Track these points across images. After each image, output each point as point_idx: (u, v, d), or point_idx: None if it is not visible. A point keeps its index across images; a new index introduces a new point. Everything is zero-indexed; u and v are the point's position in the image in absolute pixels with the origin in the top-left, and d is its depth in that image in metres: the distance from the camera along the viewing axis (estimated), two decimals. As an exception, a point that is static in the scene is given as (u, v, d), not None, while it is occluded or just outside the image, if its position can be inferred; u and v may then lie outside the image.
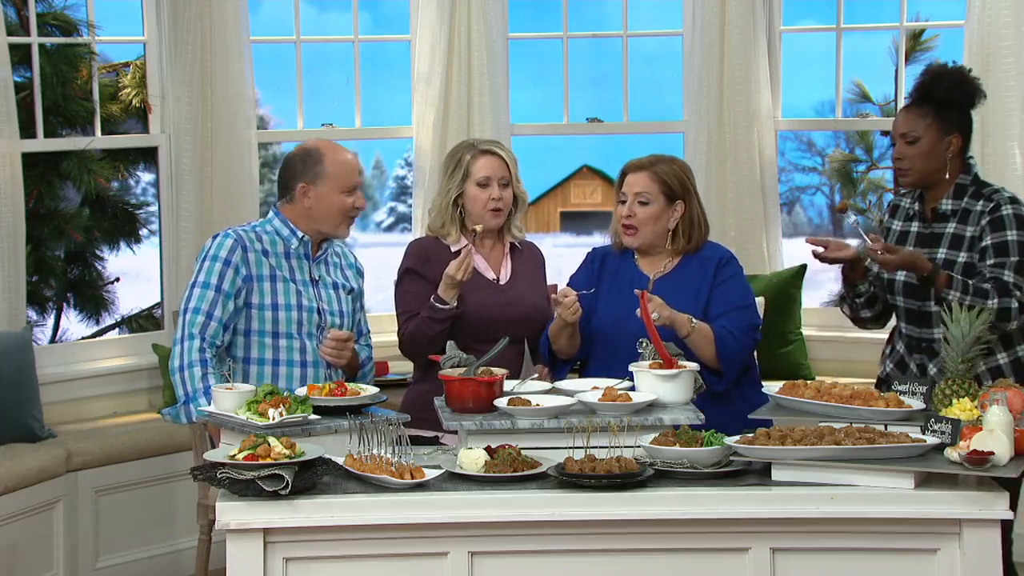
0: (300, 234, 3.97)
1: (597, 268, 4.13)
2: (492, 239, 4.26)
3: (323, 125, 5.78)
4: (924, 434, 3.19)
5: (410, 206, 5.92)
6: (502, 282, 4.24)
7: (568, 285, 4.13)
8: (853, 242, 4.03)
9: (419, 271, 4.19)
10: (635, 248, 4.07)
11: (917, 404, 3.41)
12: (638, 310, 3.68)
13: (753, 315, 4.04)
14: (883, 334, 5.64)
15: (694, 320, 3.86)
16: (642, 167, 4.04)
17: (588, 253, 4.24)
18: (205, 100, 5.39)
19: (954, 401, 3.37)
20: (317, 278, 4.00)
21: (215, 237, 3.96)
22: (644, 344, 3.68)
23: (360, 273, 4.17)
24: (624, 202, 4.03)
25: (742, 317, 3.97)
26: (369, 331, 4.22)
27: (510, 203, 4.23)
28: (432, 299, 4.06)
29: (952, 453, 3.09)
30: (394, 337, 4.29)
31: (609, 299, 4.03)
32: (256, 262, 3.91)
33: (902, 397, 3.43)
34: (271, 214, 4.02)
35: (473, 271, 4.11)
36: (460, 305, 4.06)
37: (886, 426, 3.28)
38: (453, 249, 4.20)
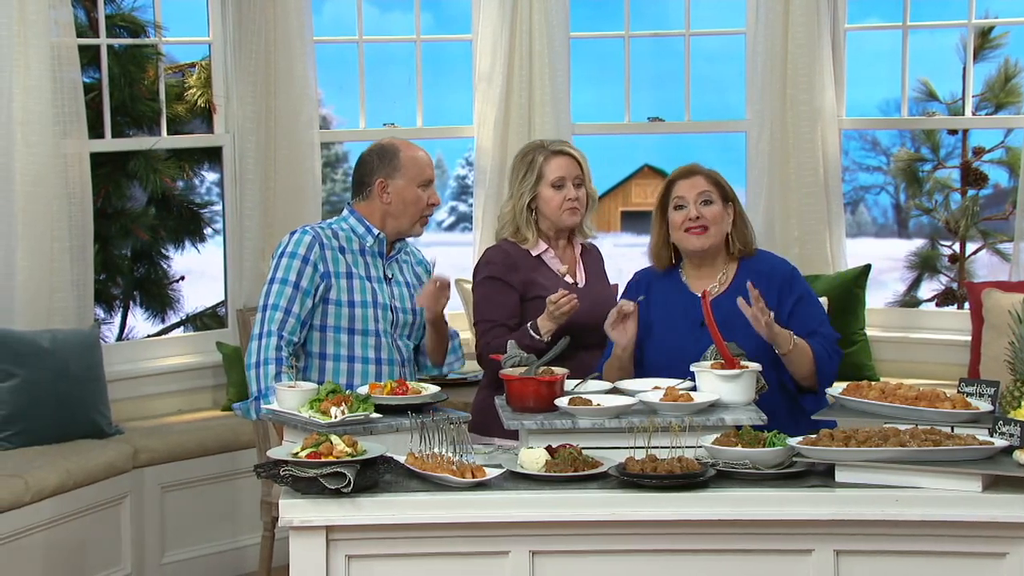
0: (376, 232, 3.96)
1: (645, 292, 3.95)
2: (564, 240, 4.18)
3: (385, 125, 5.81)
4: (992, 436, 3.14)
5: (471, 205, 5.94)
6: (580, 285, 4.12)
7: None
8: None
9: (502, 278, 4.04)
10: (704, 249, 3.91)
11: (984, 406, 3.35)
12: (713, 328, 3.59)
13: (833, 329, 3.93)
14: (949, 335, 5.60)
15: (795, 337, 3.74)
16: (693, 172, 3.94)
17: (634, 276, 4.07)
18: (269, 100, 5.44)
19: (1023, 403, 3.32)
20: (390, 276, 4.01)
21: (292, 234, 3.95)
22: (712, 352, 3.64)
23: (428, 269, 4.15)
24: (681, 207, 3.90)
25: (827, 333, 3.86)
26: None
27: (585, 201, 4.13)
28: (529, 326, 3.89)
29: (1021, 456, 3.04)
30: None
31: (663, 332, 3.87)
32: (333, 259, 3.92)
33: (969, 399, 3.37)
34: (345, 212, 4.02)
35: (554, 275, 4.05)
36: (551, 340, 3.85)
37: (952, 428, 3.23)
38: (533, 254, 4.09)
